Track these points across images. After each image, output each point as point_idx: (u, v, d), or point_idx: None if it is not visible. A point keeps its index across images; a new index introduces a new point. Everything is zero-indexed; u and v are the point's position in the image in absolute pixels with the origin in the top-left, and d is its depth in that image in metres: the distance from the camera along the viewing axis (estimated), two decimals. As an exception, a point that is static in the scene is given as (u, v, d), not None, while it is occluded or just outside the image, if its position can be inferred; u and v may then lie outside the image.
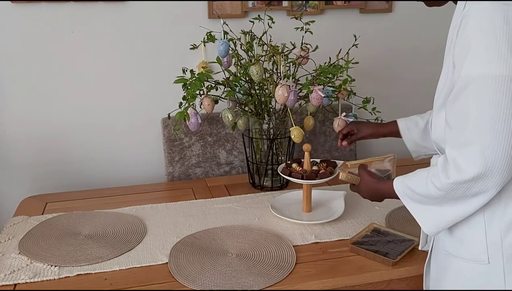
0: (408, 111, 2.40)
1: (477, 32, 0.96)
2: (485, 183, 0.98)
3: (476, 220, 1.07)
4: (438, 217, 1.09)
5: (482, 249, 1.07)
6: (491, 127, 0.95)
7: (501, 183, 0.97)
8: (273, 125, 1.85)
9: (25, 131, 2.02)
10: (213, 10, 2.06)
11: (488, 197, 1.00)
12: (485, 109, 0.95)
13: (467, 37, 0.98)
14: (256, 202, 1.77)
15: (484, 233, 1.06)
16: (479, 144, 0.96)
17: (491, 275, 1.06)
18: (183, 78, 1.66)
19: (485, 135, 0.95)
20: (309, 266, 1.37)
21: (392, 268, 1.35)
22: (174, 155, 2.09)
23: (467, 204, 1.03)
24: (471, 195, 1.01)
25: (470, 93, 0.97)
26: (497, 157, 0.95)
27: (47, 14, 1.93)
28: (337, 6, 2.20)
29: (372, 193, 1.30)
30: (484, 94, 0.95)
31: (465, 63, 0.98)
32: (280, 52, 1.71)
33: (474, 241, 1.08)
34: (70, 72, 2.01)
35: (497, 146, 0.95)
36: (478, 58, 0.96)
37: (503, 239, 1.05)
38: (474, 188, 0.99)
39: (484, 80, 0.95)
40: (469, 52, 0.97)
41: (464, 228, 1.10)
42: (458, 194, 1.02)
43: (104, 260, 1.40)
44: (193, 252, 1.43)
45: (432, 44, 2.37)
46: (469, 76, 0.97)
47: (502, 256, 1.05)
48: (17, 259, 1.40)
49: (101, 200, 1.83)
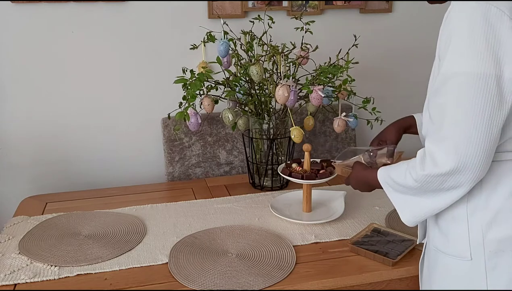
0: (408, 111, 2.40)
1: (457, 29, 0.98)
2: (458, 178, 1.00)
3: (459, 214, 1.09)
4: (415, 207, 1.12)
5: (465, 246, 1.08)
6: (465, 125, 0.97)
7: (475, 179, 1.00)
8: (273, 125, 1.85)
9: (25, 131, 2.02)
10: (213, 10, 2.06)
11: (463, 191, 1.03)
12: (461, 107, 0.97)
13: (449, 34, 1.00)
14: (256, 202, 1.77)
15: (467, 229, 1.08)
16: (453, 141, 0.98)
17: (474, 272, 1.08)
18: (183, 78, 1.66)
19: (460, 132, 0.97)
20: (309, 266, 1.37)
21: (392, 268, 1.35)
22: (174, 155, 2.09)
23: (442, 197, 1.06)
24: (446, 188, 1.04)
25: (448, 90, 1.00)
26: (470, 154, 0.97)
27: (47, 14, 1.93)
28: (337, 6, 2.20)
29: (359, 180, 1.32)
30: (461, 92, 0.97)
31: (446, 59, 1.00)
32: (280, 52, 1.71)
33: (458, 237, 1.10)
34: (70, 72, 2.01)
35: (470, 143, 0.97)
36: (456, 55, 0.98)
37: (484, 235, 1.06)
38: (448, 182, 1.02)
39: (462, 77, 0.97)
40: (449, 49, 1.00)
41: (449, 223, 1.12)
42: (433, 186, 1.05)
43: (104, 260, 1.40)
44: (193, 252, 1.43)
45: (432, 44, 2.35)
46: (448, 73, 1.00)
47: (483, 253, 1.06)
48: (17, 259, 1.40)
49: (101, 200, 1.83)
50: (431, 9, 2.33)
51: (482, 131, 0.96)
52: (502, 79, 0.95)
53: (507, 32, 0.95)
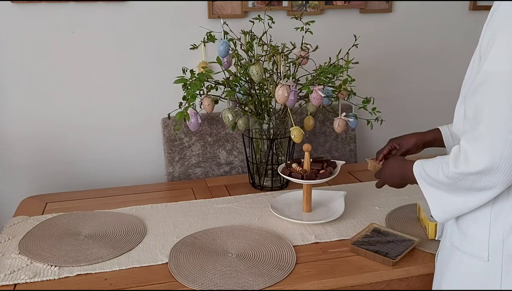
0: (408, 111, 2.42)
1: (502, 29, 0.97)
2: (491, 179, 0.99)
3: (482, 216, 1.08)
4: (446, 203, 1.11)
5: (483, 246, 1.08)
6: (502, 127, 0.96)
7: (508, 181, 0.99)
8: (273, 125, 1.85)
9: (25, 131, 2.02)
10: (213, 10, 2.06)
11: (494, 193, 1.02)
12: (499, 108, 0.96)
13: (493, 33, 0.99)
14: (256, 202, 1.77)
15: (488, 230, 1.07)
16: (488, 142, 0.97)
17: (489, 273, 1.07)
18: (183, 78, 1.66)
19: (495, 134, 0.96)
20: (309, 266, 1.37)
21: (392, 268, 1.35)
22: (174, 155, 2.09)
23: (473, 197, 1.05)
24: (478, 188, 1.03)
25: (488, 89, 0.98)
26: (505, 155, 0.96)
27: (47, 14, 1.93)
28: (337, 6, 2.20)
29: (394, 171, 1.32)
30: (500, 93, 0.96)
31: (487, 58, 0.99)
32: (280, 52, 1.71)
33: (478, 237, 1.09)
34: (70, 72, 2.01)
35: (505, 145, 0.96)
36: (499, 55, 0.97)
37: (505, 239, 1.05)
38: (480, 182, 1.01)
39: (502, 77, 0.96)
40: (492, 48, 0.98)
41: (470, 222, 1.11)
42: (465, 185, 1.04)
43: (104, 260, 1.40)
44: (193, 252, 1.43)
45: (432, 44, 2.38)
46: (489, 72, 0.98)
47: (502, 256, 1.06)
48: (17, 259, 1.40)
49: (101, 200, 1.83)
50: (431, 9, 2.34)
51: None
52: None
53: None
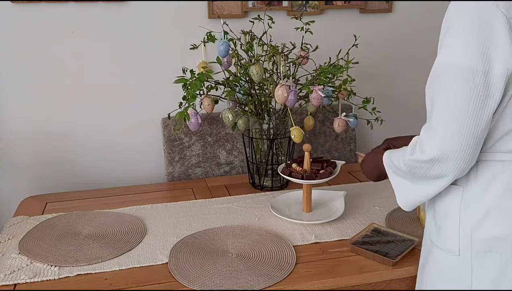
0: (408, 111, 2.42)
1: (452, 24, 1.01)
2: (442, 167, 1.04)
3: (452, 210, 1.11)
4: (409, 192, 1.17)
5: (455, 241, 1.10)
6: (450, 118, 0.99)
7: (458, 170, 1.03)
8: (273, 125, 1.85)
9: (25, 131, 2.02)
10: (213, 10, 2.06)
11: (447, 181, 1.06)
12: (448, 100, 1.00)
13: (444, 28, 1.03)
14: (256, 202, 1.77)
15: (458, 224, 1.10)
16: (438, 132, 1.02)
17: (460, 268, 1.10)
18: (183, 78, 1.66)
19: (444, 125, 1.00)
20: (309, 266, 1.37)
21: (392, 268, 1.35)
22: (174, 155, 2.09)
23: (430, 185, 1.10)
24: (432, 176, 1.07)
25: (439, 83, 1.03)
26: (453, 146, 1.00)
27: (47, 14, 1.93)
28: (337, 6, 2.20)
29: (369, 162, 1.37)
30: (448, 85, 1.00)
31: (439, 53, 1.03)
32: (280, 52, 1.71)
33: (449, 232, 1.12)
34: (70, 72, 2.01)
35: (453, 136, 0.99)
36: (448, 50, 1.01)
37: (473, 233, 1.08)
38: (432, 170, 1.06)
39: (450, 71, 1.00)
40: (443, 43, 1.03)
41: (442, 217, 1.14)
42: (420, 172, 1.09)
43: (104, 260, 1.40)
44: (193, 252, 1.43)
45: (432, 44, 2.35)
46: (438, 66, 1.03)
47: (471, 250, 1.08)
48: (17, 259, 1.40)
49: (101, 200, 1.83)
50: (431, 9, 2.34)
51: (466, 125, 0.98)
52: (490, 75, 0.96)
53: (500, 28, 0.96)
